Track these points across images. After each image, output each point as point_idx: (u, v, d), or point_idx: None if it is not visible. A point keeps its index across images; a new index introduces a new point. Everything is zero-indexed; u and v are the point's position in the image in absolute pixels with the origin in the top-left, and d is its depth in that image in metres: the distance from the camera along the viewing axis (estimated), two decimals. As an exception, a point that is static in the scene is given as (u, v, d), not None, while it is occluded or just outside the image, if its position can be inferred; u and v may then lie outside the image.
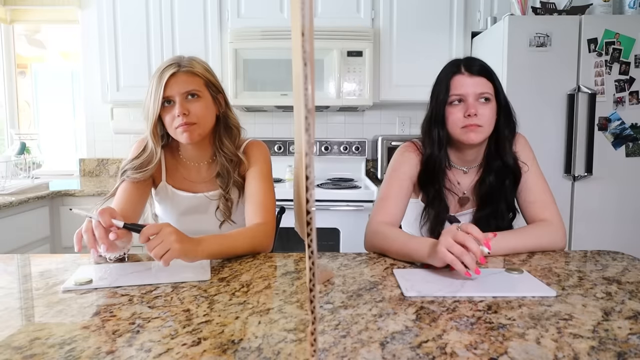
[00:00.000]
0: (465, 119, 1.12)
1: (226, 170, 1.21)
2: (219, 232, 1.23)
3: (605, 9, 2.32)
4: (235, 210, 1.25)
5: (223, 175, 1.22)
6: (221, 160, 1.22)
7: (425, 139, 1.21)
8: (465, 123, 1.12)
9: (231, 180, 1.22)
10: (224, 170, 1.21)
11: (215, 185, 1.24)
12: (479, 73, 1.13)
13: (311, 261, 0.46)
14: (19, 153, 2.51)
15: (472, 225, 0.87)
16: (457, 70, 1.14)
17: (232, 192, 1.23)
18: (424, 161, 1.20)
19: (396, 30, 2.61)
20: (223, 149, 1.22)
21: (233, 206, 1.24)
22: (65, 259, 1.06)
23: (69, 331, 0.66)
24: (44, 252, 2.24)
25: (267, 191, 1.20)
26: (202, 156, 1.26)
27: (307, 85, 0.40)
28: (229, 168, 1.21)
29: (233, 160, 1.23)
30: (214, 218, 1.24)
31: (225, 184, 1.21)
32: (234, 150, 1.23)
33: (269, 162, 1.26)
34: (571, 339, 0.63)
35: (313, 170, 0.42)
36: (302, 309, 0.74)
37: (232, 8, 2.58)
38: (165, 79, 1.12)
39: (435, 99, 1.17)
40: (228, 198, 1.22)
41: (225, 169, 1.21)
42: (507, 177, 1.19)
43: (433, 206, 1.20)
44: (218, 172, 1.22)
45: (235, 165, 1.23)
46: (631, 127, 2.20)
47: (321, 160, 2.89)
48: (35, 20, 3.00)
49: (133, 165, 1.20)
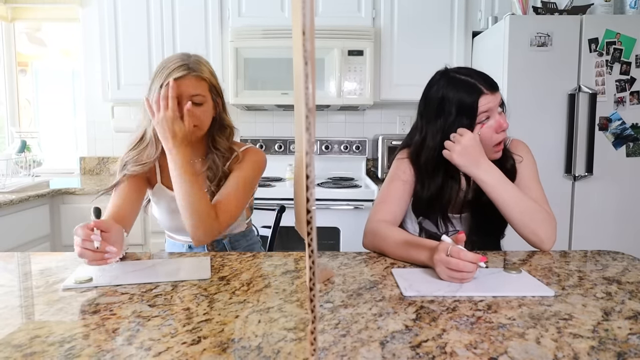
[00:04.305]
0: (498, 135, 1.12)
1: (216, 164, 1.25)
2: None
3: (606, 9, 2.31)
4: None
5: (212, 168, 1.25)
6: (212, 157, 1.25)
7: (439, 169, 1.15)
8: (500, 139, 1.12)
9: (219, 173, 1.24)
10: (214, 164, 1.25)
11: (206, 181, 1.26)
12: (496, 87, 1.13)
13: (311, 260, 0.46)
14: (20, 151, 2.51)
15: (463, 250, 0.85)
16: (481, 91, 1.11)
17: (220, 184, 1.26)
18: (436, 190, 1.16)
19: (397, 30, 2.61)
20: (217, 146, 1.26)
21: None
22: (66, 257, 1.06)
23: (69, 329, 0.66)
24: (44, 250, 2.24)
25: (239, 194, 1.21)
26: (196, 153, 1.29)
27: (307, 84, 0.40)
28: (218, 163, 1.25)
29: (225, 156, 1.26)
30: None
31: (214, 175, 1.24)
32: (227, 146, 1.27)
33: (257, 169, 1.27)
34: (571, 338, 0.63)
35: (313, 169, 0.42)
36: (302, 308, 0.74)
37: (233, 7, 2.58)
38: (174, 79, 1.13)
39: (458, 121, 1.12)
40: (215, 190, 1.24)
41: (215, 163, 1.25)
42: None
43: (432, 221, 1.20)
44: (209, 165, 1.25)
45: (227, 161, 1.27)
46: (632, 127, 2.19)
47: (321, 159, 2.89)
48: (36, 18, 3.00)
49: (133, 158, 1.21)
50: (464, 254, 0.84)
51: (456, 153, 1.07)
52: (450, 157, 1.08)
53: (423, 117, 1.18)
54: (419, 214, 1.22)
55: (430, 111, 1.15)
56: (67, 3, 2.90)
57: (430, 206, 1.18)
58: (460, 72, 1.13)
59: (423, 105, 1.18)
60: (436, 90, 1.14)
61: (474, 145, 1.06)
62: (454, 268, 0.84)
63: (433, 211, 1.19)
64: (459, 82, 1.11)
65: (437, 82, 1.15)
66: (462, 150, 1.06)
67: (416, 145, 1.18)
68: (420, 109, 1.19)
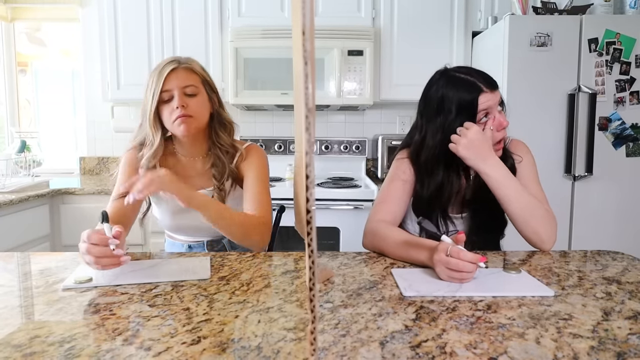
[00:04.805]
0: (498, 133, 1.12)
1: (221, 161, 1.26)
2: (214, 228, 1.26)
3: (606, 9, 2.31)
4: (227, 199, 1.28)
5: (218, 165, 1.26)
6: (216, 152, 1.27)
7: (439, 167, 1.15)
8: (500, 138, 1.12)
9: (226, 170, 1.26)
10: (219, 161, 1.26)
11: (210, 178, 1.27)
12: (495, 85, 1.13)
13: (311, 260, 0.46)
14: (19, 151, 2.51)
15: (463, 250, 0.85)
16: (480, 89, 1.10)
17: (226, 182, 1.27)
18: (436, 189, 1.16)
19: (397, 30, 2.61)
20: (219, 141, 1.27)
21: (226, 196, 1.27)
22: (65, 257, 1.06)
23: (68, 329, 0.66)
24: (44, 250, 2.24)
25: (265, 191, 1.25)
26: (197, 151, 1.30)
27: (307, 84, 0.40)
28: (224, 159, 1.26)
29: (229, 152, 1.28)
30: None
31: (220, 173, 1.26)
32: (229, 142, 1.28)
33: (266, 166, 1.31)
34: (571, 338, 0.63)
35: (313, 169, 0.42)
36: (302, 307, 0.74)
37: (232, 7, 2.58)
38: (165, 74, 1.17)
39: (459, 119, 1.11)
40: (222, 188, 1.26)
41: (220, 160, 1.26)
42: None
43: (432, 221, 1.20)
44: (213, 162, 1.27)
45: (231, 157, 1.28)
46: (631, 127, 2.19)
47: (321, 159, 2.89)
48: (36, 18, 3.00)
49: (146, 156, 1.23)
50: (464, 254, 0.84)
51: (462, 146, 1.07)
52: (456, 150, 1.08)
53: (423, 116, 1.18)
54: (419, 213, 1.22)
55: (430, 110, 1.15)
56: (67, 3, 2.90)
57: (430, 205, 1.18)
58: (459, 71, 1.14)
59: (423, 104, 1.18)
60: (436, 89, 1.14)
61: (480, 139, 1.06)
62: (454, 268, 0.84)
63: (433, 210, 1.19)
64: (459, 80, 1.11)
65: (437, 81, 1.15)
66: (469, 144, 1.06)
67: (416, 144, 1.18)
68: (420, 108, 1.19)
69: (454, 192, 1.16)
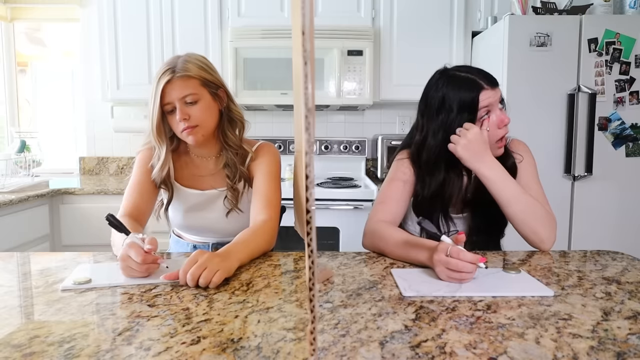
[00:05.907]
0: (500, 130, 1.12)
1: (233, 162, 1.26)
2: (225, 224, 1.29)
3: (605, 9, 2.31)
4: (241, 200, 1.28)
5: (230, 166, 1.26)
6: (227, 154, 1.26)
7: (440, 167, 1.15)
8: (502, 135, 1.13)
9: (238, 172, 1.26)
10: (231, 162, 1.26)
11: (223, 178, 1.27)
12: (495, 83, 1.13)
13: (311, 260, 0.46)
14: (19, 151, 2.51)
15: (463, 250, 0.85)
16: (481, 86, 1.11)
17: (238, 183, 1.27)
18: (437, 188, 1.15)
19: (396, 30, 2.61)
20: (228, 142, 1.26)
21: (239, 196, 1.27)
22: (65, 257, 1.06)
23: (68, 329, 0.66)
24: (43, 250, 2.24)
25: (274, 189, 1.24)
26: (209, 152, 1.30)
27: (307, 84, 0.40)
28: (235, 160, 1.26)
29: (239, 153, 1.27)
30: (219, 213, 1.28)
31: (232, 174, 1.26)
32: (238, 143, 1.27)
33: (278, 163, 1.29)
34: (570, 338, 0.63)
35: (313, 169, 0.42)
36: (302, 307, 0.74)
37: (232, 7, 2.58)
38: (161, 88, 1.14)
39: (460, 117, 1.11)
40: (235, 188, 1.26)
41: (232, 161, 1.26)
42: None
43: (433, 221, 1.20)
44: (225, 163, 1.27)
45: (242, 158, 1.27)
46: (631, 127, 2.20)
47: (321, 159, 2.89)
48: (35, 18, 3.00)
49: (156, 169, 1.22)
50: (464, 254, 0.84)
51: (461, 146, 1.07)
52: (454, 150, 1.09)
53: (424, 115, 1.18)
54: (419, 213, 1.22)
55: (431, 109, 1.15)
56: (67, 3, 2.90)
57: (431, 204, 1.18)
58: (459, 70, 1.14)
59: (424, 104, 1.18)
60: (436, 88, 1.14)
61: (478, 140, 1.06)
62: (454, 268, 0.84)
63: (434, 210, 1.19)
64: (459, 79, 1.12)
65: (437, 80, 1.15)
66: (467, 144, 1.07)
67: (417, 144, 1.18)
68: (421, 108, 1.19)
69: (455, 192, 1.16)
